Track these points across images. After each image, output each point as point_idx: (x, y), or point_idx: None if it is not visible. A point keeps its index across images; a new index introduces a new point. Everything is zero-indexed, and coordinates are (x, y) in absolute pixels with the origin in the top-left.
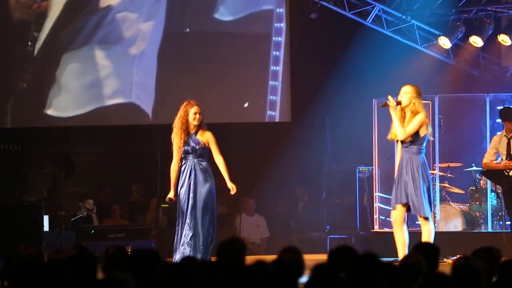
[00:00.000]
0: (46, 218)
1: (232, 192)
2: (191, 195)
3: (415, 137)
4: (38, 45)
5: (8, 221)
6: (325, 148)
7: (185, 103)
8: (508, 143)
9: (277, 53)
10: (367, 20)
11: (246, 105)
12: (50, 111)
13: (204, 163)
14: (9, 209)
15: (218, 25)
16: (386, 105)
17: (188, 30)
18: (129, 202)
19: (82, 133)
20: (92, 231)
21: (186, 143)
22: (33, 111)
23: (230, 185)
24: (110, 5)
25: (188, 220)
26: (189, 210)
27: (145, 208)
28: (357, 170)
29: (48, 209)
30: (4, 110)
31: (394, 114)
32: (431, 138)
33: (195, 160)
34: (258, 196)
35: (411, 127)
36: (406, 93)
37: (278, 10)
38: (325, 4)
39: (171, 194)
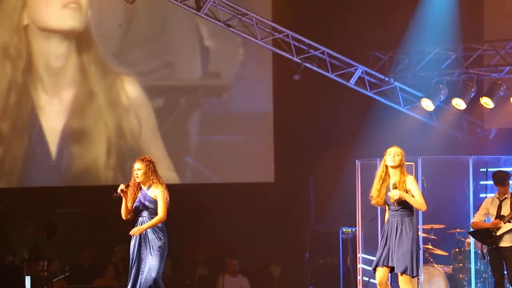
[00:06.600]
0: (28, 279)
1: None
2: (141, 253)
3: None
4: None
5: None
6: (308, 208)
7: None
8: (499, 205)
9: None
10: (350, 81)
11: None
12: None
13: None
14: None
15: None
16: (398, 199)
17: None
18: (111, 263)
19: (64, 193)
20: None
21: (137, 199)
22: None
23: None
24: None
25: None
26: (136, 266)
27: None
28: (340, 231)
29: (30, 270)
30: None
31: (407, 197)
32: None
33: (148, 217)
34: (242, 257)
35: (419, 193)
36: (398, 154)
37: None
38: (308, 65)
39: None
